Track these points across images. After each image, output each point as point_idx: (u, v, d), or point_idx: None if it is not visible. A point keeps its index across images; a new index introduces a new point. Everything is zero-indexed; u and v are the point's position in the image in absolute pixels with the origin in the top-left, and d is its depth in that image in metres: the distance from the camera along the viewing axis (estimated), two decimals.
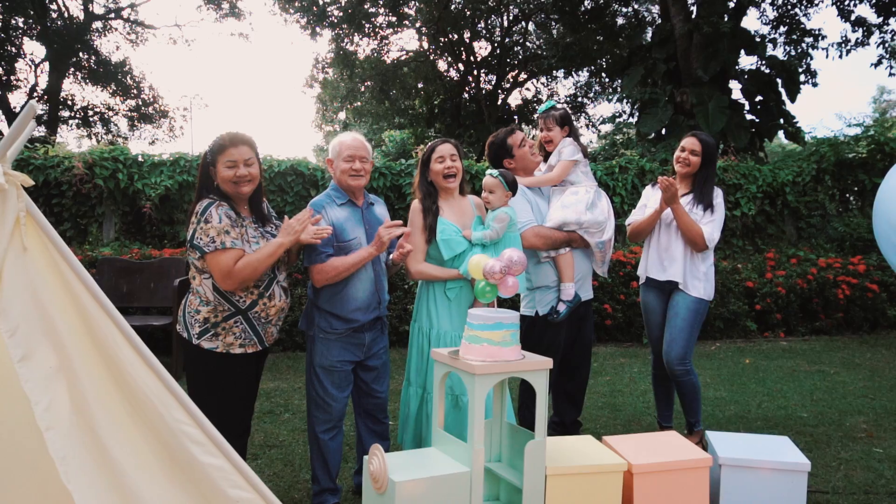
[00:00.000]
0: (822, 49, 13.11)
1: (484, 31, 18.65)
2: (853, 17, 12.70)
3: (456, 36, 17.88)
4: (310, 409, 3.12)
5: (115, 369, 1.90)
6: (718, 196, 3.79)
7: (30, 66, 17.34)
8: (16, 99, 16.94)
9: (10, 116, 15.91)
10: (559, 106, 3.76)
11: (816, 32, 13.21)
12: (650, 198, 3.92)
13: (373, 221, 3.14)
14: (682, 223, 3.67)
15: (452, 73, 18.99)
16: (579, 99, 20.31)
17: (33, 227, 1.81)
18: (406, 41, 18.75)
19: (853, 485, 3.45)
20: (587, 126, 21.36)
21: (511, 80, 19.84)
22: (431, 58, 18.25)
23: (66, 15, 17.04)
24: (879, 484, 3.44)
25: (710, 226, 3.69)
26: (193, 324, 2.73)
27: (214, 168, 2.76)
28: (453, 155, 3.21)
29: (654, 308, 3.91)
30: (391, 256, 3.18)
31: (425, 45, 17.97)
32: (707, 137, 3.84)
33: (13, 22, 16.36)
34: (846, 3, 12.57)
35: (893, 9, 11.97)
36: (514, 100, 20.29)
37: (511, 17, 18.36)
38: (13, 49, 16.79)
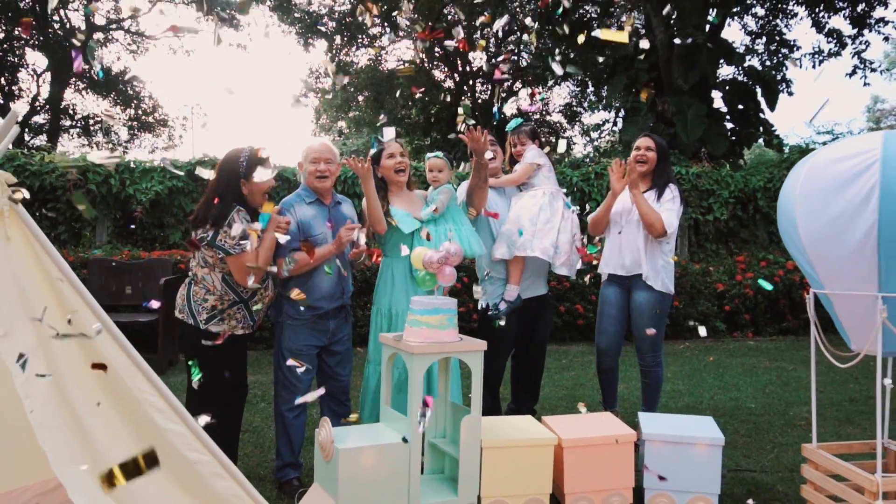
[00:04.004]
0: (796, 59, 13.48)
1: (479, 41, 18.96)
2: (826, 29, 13.05)
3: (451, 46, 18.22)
4: (276, 390, 3.42)
5: (88, 347, 2.18)
6: (674, 190, 3.97)
7: (32, 76, 17.77)
8: (18, 108, 17.30)
9: None
10: (527, 123, 4.07)
11: (791, 43, 13.55)
12: None
13: (339, 219, 3.44)
14: (641, 209, 3.84)
15: (448, 83, 19.32)
16: (574, 108, 20.62)
17: (16, 219, 2.09)
18: (402, 51, 19.06)
19: (781, 464, 3.72)
20: (581, 134, 21.69)
21: (506, 89, 20.16)
22: (426, 67, 18.57)
23: (67, 26, 17.43)
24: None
25: (669, 213, 3.86)
26: (201, 311, 3.11)
27: (247, 180, 3.09)
28: (402, 152, 3.57)
29: (611, 301, 4.05)
30: (348, 255, 3.48)
31: (420, 54, 18.27)
32: (659, 137, 4.11)
33: (15, 32, 16.75)
34: (821, 15, 12.90)
35: (868, 20, 12.31)
36: (510, 109, 20.62)
37: (506, 28, 18.67)
38: (15, 59, 17.19)
